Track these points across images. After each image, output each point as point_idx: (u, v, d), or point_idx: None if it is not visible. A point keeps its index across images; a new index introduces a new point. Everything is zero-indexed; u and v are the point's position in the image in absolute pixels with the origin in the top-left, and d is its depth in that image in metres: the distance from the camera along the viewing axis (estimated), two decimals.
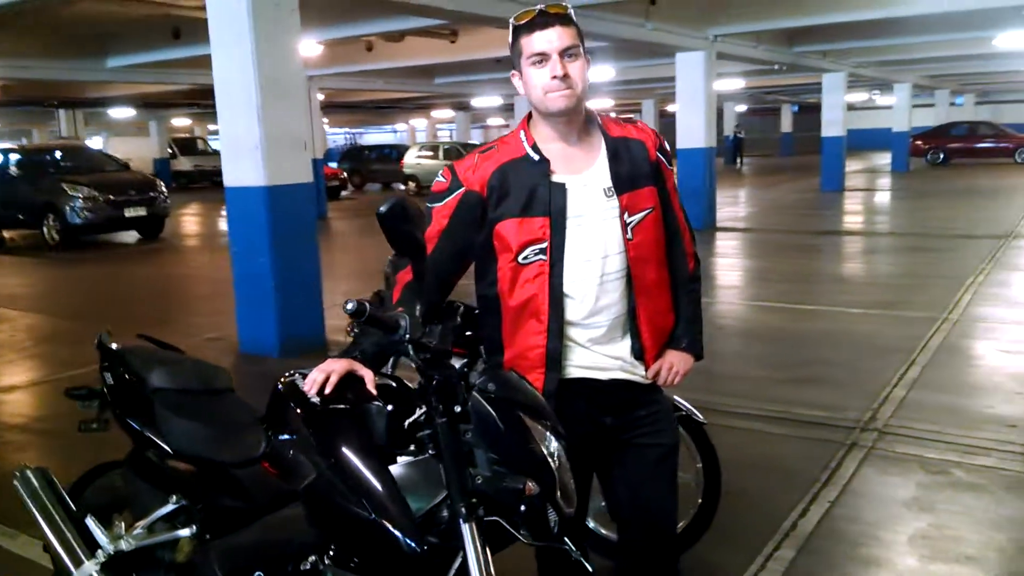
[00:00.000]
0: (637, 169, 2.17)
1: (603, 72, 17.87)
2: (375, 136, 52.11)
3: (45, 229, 14.64)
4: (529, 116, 2.20)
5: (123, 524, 2.33)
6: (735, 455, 3.92)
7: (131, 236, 15.75)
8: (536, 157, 2.12)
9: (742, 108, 42.09)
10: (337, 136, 50.73)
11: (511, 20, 2.10)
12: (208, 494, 2.18)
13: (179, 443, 2.24)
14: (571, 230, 2.11)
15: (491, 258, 2.17)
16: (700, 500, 3.26)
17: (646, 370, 2.24)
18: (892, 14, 12.23)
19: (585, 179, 2.14)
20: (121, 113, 27.05)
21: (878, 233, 13.84)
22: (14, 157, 15.90)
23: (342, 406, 1.92)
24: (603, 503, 2.87)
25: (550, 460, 1.79)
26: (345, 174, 27.03)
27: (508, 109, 29.42)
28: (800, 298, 8.30)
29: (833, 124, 21.07)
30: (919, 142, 29.36)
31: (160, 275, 12.03)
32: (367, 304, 1.72)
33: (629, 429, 2.26)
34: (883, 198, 20.12)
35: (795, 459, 4.29)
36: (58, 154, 16.60)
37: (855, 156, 30.52)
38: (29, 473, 2.47)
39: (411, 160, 26.65)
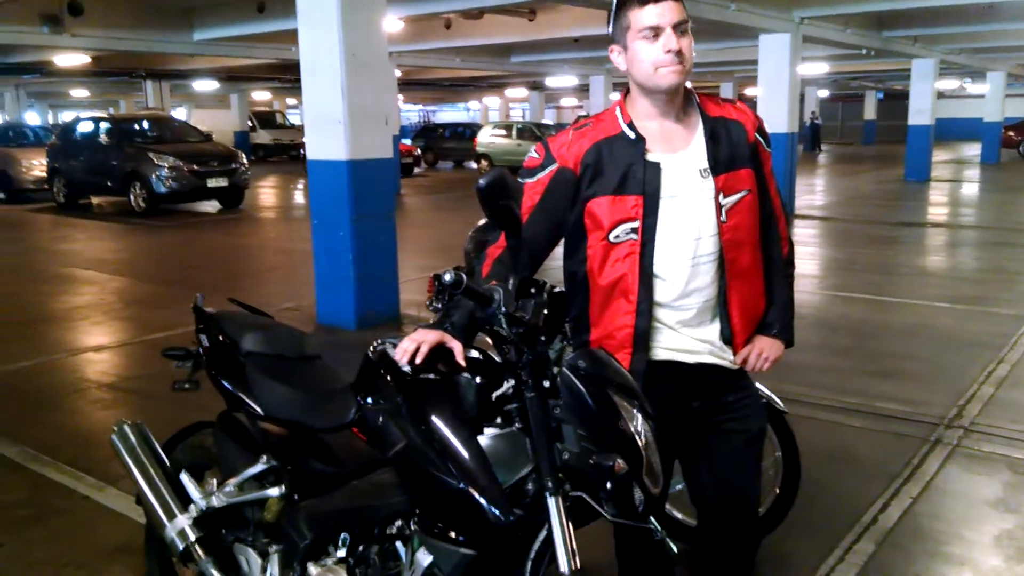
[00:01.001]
0: (735, 150, 2.12)
1: None
2: (448, 114, 52.34)
3: (131, 196, 15.15)
4: (627, 93, 2.16)
5: (215, 481, 2.41)
6: (814, 446, 3.86)
7: (212, 205, 16.18)
8: (632, 135, 2.09)
9: (824, 93, 40.95)
10: (411, 113, 51.09)
11: None
12: (298, 457, 2.23)
13: (271, 406, 2.29)
14: (664, 210, 2.08)
15: (582, 236, 2.15)
16: (778, 489, 3.22)
17: (735, 355, 2.21)
18: None
19: (681, 158, 2.10)
20: (204, 86, 27.73)
21: (964, 226, 13.35)
22: (103, 126, 16.46)
23: (432, 376, 1.95)
24: (679, 486, 2.87)
25: (638, 439, 1.78)
26: (419, 151, 27.24)
27: (583, 89, 29.17)
28: (883, 290, 8.07)
29: (921, 112, 20.34)
30: (1011, 133, 28.19)
31: (239, 244, 12.35)
32: (463, 275, 1.73)
33: (716, 414, 2.24)
34: (971, 190, 19.39)
35: (876, 453, 4.19)
36: (145, 124, 17.11)
37: (942, 146, 29.49)
38: (127, 427, 2.57)
39: (484, 139, 26.69)
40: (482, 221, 3.84)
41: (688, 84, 2.17)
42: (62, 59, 18.06)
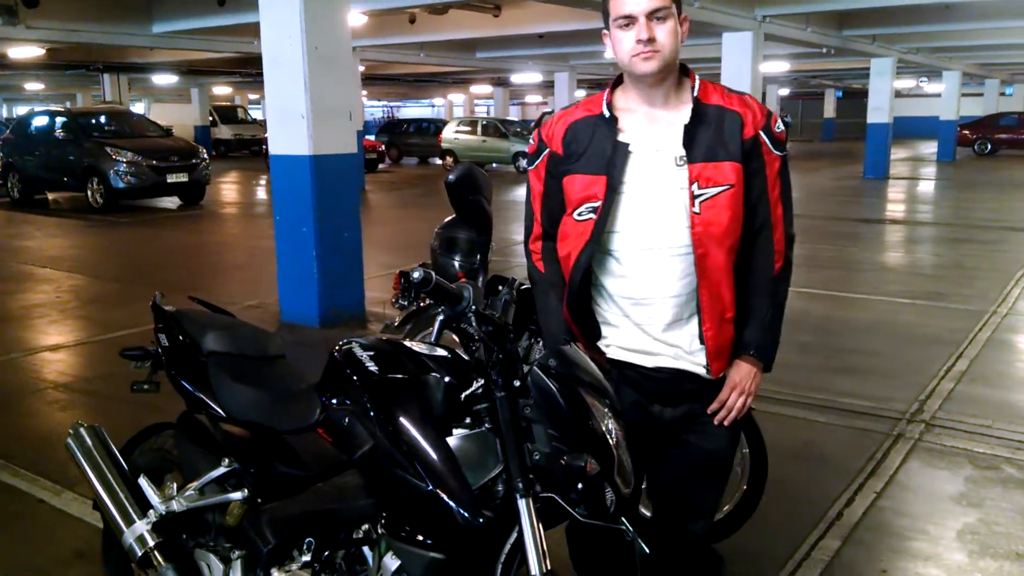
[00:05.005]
0: (720, 141, 2.01)
1: None
2: (413, 110, 52.05)
3: (89, 192, 14.83)
4: (619, 79, 2.14)
5: (175, 485, 2.35)
6: (778, 442, 3.86)
7: (172, 202, 15.91)
8: (607, 115, 2.07)
9: (785, 92, 41.41)
10: (375, 109, 50.74)
11: None
12: (261, 459, 2.17)
13: (233, 407, 2.24)
14: (629, 194, 2.04)
15: (563, 213, 2.16)
16: (744, 487, 3.22)
17: (708, 362, 2.11)
18: None
19: (658, 144, 2.04)
20: (164, 79, 27.22)
21: (923, 223, 13.57)
22: (59, 120, 16.09)
23: (400, 375, 1.91)
24: None
25: (609, 438, 1.76)
26: (383, 147, 27.05)
27: (548, 86, 29.17)
28: (843, 286, 8.17)
29: (879, 110, 20.67)
30: (966, 132, 28.71)
31: (200, 241, 12.15)
32: (432, 273, 1.70)
33: (681, 424, 2.18)
34: (928, 187, 19.73)
35: (839, 449, 4.23)
36: (102, 118, 16.77)
37: (900, 144, 29.96)
38: (83, 431, 2.49)
39: (449, 135, 26.58)
40: (448, 218, 3.79)
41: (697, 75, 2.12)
42: (16, 51, 17.61)
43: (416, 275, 1.70)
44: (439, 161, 27.14)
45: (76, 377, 5.65)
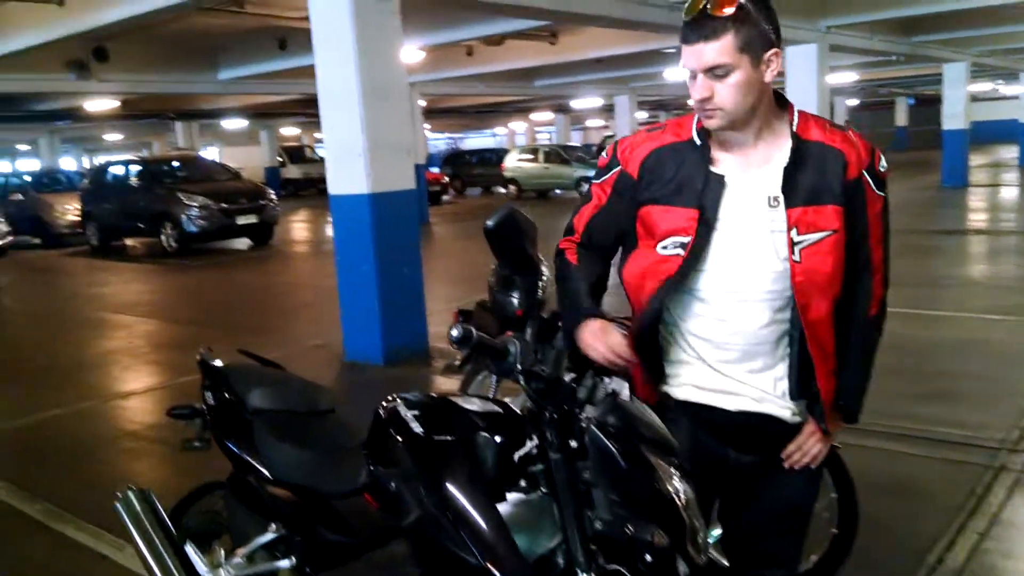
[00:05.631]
0: (823, 182, 1.83)
1: None
2: (475, 140, 52.50)
3: (163, 237, 15.24)
4: None
5: (223, 551, 2.25)
6: (867, 479, 3.57)
7: (242, 243, 16.22)
8: (699, 142, 1.89)
9: (853, 102, 40.44)
10: (438, 141, 51.35)
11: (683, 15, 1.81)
12: (308, 525, 2.06)
13: (279, 469, 2.14)
14: (722, 231, 1.86)
15: (634, 244, 1.99)
16: (834, 531, 2.99)
17: (800, 408, 1.96)
18: None
19: (752, 179, 1.86)
20: (233, 124, 28.06)
21: (1008, 232, 12.93)
22: (134, 168, 16.63)
23: (447, 437, 1.77)
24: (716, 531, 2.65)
25: (677, 500, 1.59)
26: (447, 179, 27.26)
27: (609, 110, 29.06)
28: (927, 303, 7.75)
29: (955, 117, 19.94)
30: None
31: (269, 282, 12.31)
32: (472, 330, 1.56)
33: (760, 470, 2.01)
34: (1011, 194, 18.86)
35: (935, 483, 3.92)
36: (174, 164, 17.27)
37: (978, 150, 28.83)
38: (132, 494, 2.42)
39: (511, 163, 26.64)
40: None
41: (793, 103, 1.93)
42: (91, 104, 18.34)
43: (455, 333, 1.56)
44: (503, 190, 27.19)
45: (146, 425, 5.67)
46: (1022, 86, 25.92)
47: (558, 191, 24.65)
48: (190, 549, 2.26)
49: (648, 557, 1.53)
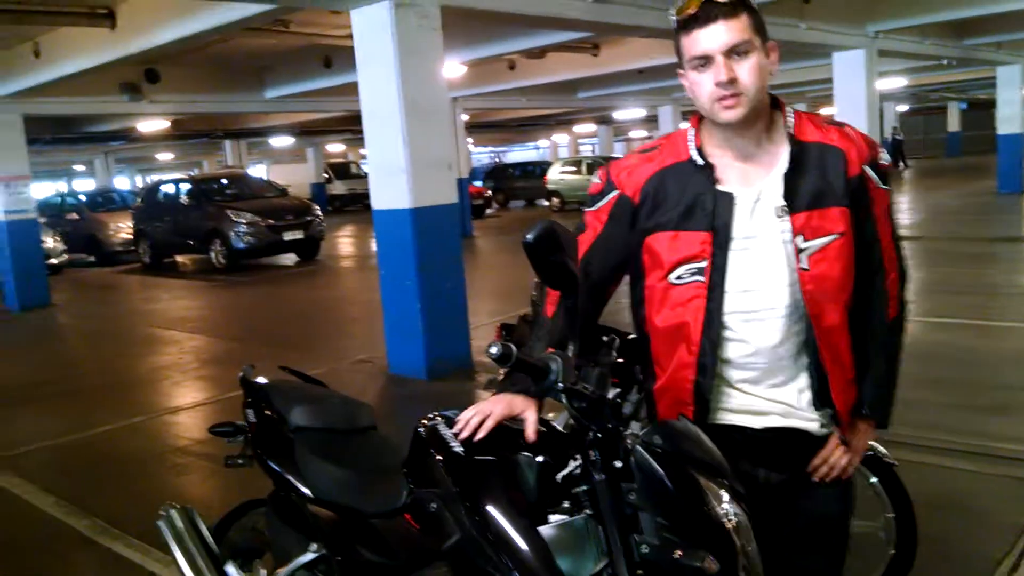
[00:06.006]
0: (825, 183, 1.77)
1: None
2: (518, 154, 52.61)
3: (212, 254, 15.49)
4: (701, 116, 1.85)
5: (264, 571, 2.23)
6: (924, 496, 3.45)
7: (290, 258, 16.41)
8: (700, 162, 1.81)
9: (903, 108, 39.66)
10: (482, 155, 51.56)
11: (671, 13, 1.77)
12: (348, 544, 2.03)
13: (319, 487, 2.11)
14: (737, 251, 1.79)
15: (640, 274, 1.91)
16: (892, 552, 2.87)
17: (826, 419, 1.89)
18: None
19: (758, 193, 1.80)
20: (280, 141, 28.48)
21: None
22: (184, 187, 16.96)
23: (488, 456, 1.72)
24: None
25: (727, 524, 1.52)
26: (490, 192, 27.31)
27: (651, 120, 28.90)
28: (986, 313, 7.52)
29: (1010, 120, 19.38)
30: None
31: (315, 297, 12.42)
32: (512, 348, 1.51)
33: (790, 488, 1.93)
34: None
35: (996, 501, 3.77)
36: (223, 182, 17.58)
37: None
38: (174, 512, 2.42)
39: (554, 176, 26.59)
40: None
41: (788, 104, 1.87)
42: (144, 125, 18.77)
43: (494, 351, 1.51)
44: (546, 203, 27.16)
45: (193, 440, 5.73)
46: None
47: None
48: (231, 568, 2.25)
49: None
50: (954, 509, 3.69)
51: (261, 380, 2.54)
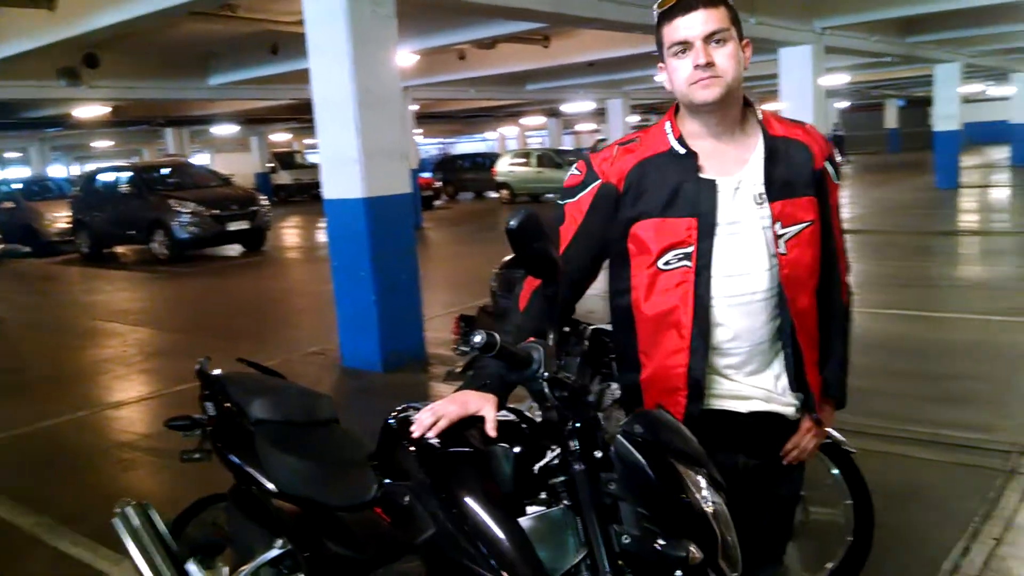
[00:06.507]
0: (796, 174, 1.89)
1: None
2: (466, 145, 52.43)
3: (154, 244, 15.10)
4: (676, 108, 1.93)
5: (226, 568, 2.16)
6: (880, 484, 3.49)
7: (235, 249, 16.08)
8: (682, 151, 1.86)
9: (843, 104, 40.51)
10: (430, 146, 51.26)
11: (654, 8, 1.85)
12: (315, 539, 1.97)
13: (283, 482, 2.05)
14: (721, 236, 1.84)
15: (624, 263, 1.92)
16: (851, 539, 2.91)
17: (798, 402, 1.97)
18: None
19: (737, 181, 1.86)
20: (224, 130, 27.87)
21: (1004, 233, 12.90)
22: (124, 175, 16.49)
23: (463, 448, 1.68)
24: None
25: (710, 516, 1.51)
26: (439, 184, 27.15)
27: (600, 114, 29.02)
28: (931, 304, 7.71)
29: (947, 118, 19.94)
30: None
31: (262, 288, 12.19)
32: (496, 336, 1.48)
33: (762, 473, 2.00)
34: (1003, 195, 18.87)
35: (947, 488, 3.85)
36: (164, 171, 17.13)
37: (966, 151, 28.91)
38: (130, 510, 2.33)
39: (503, 168, 26.54)
40: (507, 257, 3.58)
41: (754, 101, 1.95)
42: (81, 111, 18.21)
43: (478, 339, 1.47)
44: (495, 195, 27.11)
45: (140, 435, 5.57)
46: (1014, 87, 25.92)
47: (550, 195, 24.55)
48: (192, 566, 2.17)
49: (679, 574, 1.45)
50: (910, 496, 3.76)
51: (218, 372, 2.46)
